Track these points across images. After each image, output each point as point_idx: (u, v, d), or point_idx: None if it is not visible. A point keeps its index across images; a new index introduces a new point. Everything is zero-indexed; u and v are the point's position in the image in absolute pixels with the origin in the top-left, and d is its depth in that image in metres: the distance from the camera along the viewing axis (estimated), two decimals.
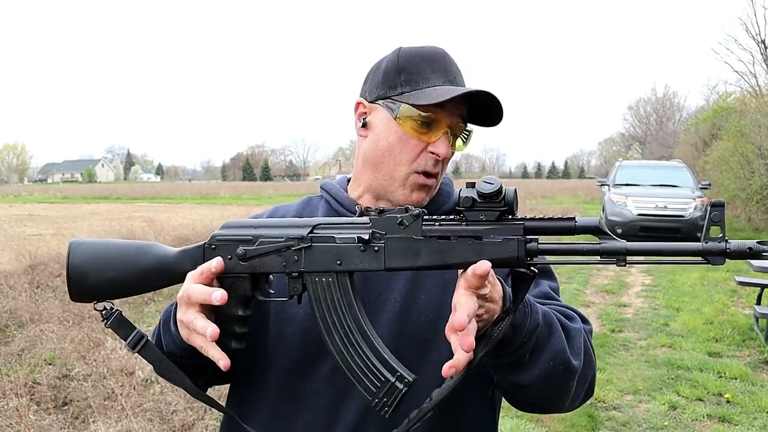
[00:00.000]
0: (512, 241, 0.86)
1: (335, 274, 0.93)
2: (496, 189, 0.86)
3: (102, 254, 1.02)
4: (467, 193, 0.88)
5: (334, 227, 0.94)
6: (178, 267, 1.01)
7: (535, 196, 32.63)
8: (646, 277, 9.72)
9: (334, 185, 1.26)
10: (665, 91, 63.44)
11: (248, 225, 1.00)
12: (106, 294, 1.03)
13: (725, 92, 27.71)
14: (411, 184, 1.12)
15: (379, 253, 0.91)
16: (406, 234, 0.90)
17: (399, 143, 1.11)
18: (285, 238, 0.95)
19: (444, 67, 1.12)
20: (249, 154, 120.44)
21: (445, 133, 1.10)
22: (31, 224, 18.42)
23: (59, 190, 53.27)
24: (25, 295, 7.06)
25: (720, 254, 0.82)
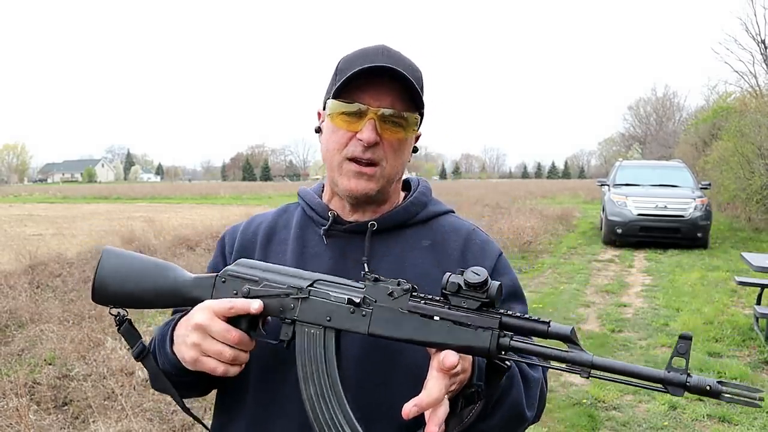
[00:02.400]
0: (486, 332, 0.90)
1: (323, 328, 0.99)
2: (482, 281, 0.91)
3: (126, 267, 1.11)
4: (455, 279, 0.93)
5: (332, 285, 1.01)
6: (190, 292, 1.09)
7: (535, 196, 32.62)
8: (646, 277, 9.72)
9: (309, 192, 1.29)
10: (665, 91, 63.40)
11: (258, 267, 1.07)
12: (121, 303, 1.12)
13: (725, 92, 27.71)
14: (346, 171, 1.14)
15: (366, 317, 0.96)
16: (393, 305, 0.95)
17: (333, 136, 1.15)
18: (287, 286, 1.02)
19: (372, 59, 1.11)
20: (249, 154, 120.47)
21: (371, 120, 1.10)
22: (31, 224, 18.42)
23: (59, 190, 53.27)
24: (25, 295, 7.06)
25: (680, 386, 0.85)
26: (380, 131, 1.12)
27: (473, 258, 1.20)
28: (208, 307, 1.02)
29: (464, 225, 1.28)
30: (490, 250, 1.23)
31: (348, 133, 1.13)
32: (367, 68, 1.08)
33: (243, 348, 1.02)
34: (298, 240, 1.23)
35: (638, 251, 12.57)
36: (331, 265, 1.17)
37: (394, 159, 1.16)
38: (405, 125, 1.14)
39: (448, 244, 1.22)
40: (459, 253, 1.21)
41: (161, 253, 10.15)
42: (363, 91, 1.11)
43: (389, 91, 1.11)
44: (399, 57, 1.15)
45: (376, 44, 1.17)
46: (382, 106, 1.11)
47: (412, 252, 1.20)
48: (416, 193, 1.27)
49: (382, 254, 1.19)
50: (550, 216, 18.13)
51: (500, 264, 1.23)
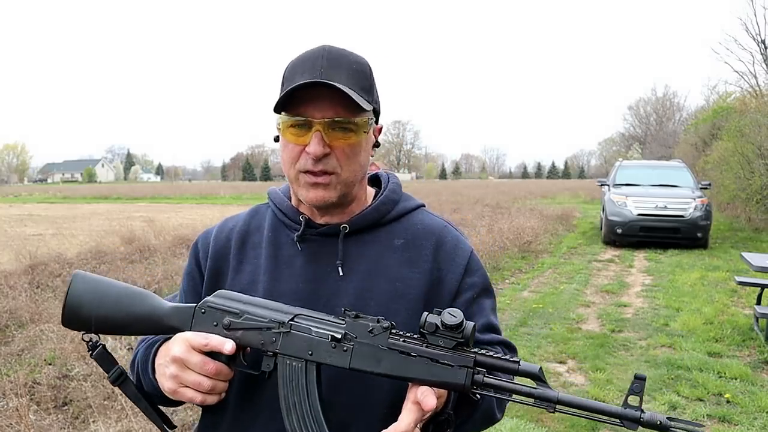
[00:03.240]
0: (462, 369, 0.97)
1: (305, 361, 1.02)
2: (458, 323, 0.96)
3: (101, 292, 1.10)
4: (433, 319, 0.98)
5: (313, 320, 1.04)
6: (168, 321, 1.10)
7: (535, 196, 32.63)
8: (646, 277, 9.72)
9: (279, 195, 1.28)
10: (665, 91, 63.55)
11: (238, 299, 1.09)
12: (96, 328, 1.11)
13: (725, 92, 27.77)
14: (303, 183, 1.14)
15: (347, 353, 1.00)
16: (373, 342, 1.00)
17: (285, 150, 1.15)
18: (268, 320, 1.04)
19: (311, 66, 1.10)
20: (249, 154, 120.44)
21: (317, 132, 1.10)
22: (31, 224, 18.42)
23: (59, 190, 53.27)
24: (25, 295, 7.05)
25: (635, 421, 0.93)
26: (329, 140, 1.11)
27: (445, 259, 1.21)
28: (185, 339, 1.04)
29: (435, 222, 1.27)
30: (461, 249, 1.24)
31: (297, 146, 1.12)
32: (302, 84, 1.07)
33: (221, 378, 1.05)
34: (272, 244, 1.22)
35: (638, 251, 12.57)
36: (305, 269, 1.18)
37: (350, 164, 1.14)
38: (355, 129, 1.12)
39: (421, 242, 1.22)
40: (431, 252, 1.21)
41: (161, 253, 10.16)
42: (306, 102, 1.10)
43: (332, 98, 1.09)
44: (339, 59, 1.12)
45: (318, 46, 1.15)
46: (327, 116, 1.10)
47: (386, 252, 1.20)
48: (387, 192, 1.26)
49: (356, 256, 1.19)
50: (550, 216, 18.13)
51: (471, 263, 1.24)
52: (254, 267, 1.21)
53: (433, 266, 1.20)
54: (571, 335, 6.25)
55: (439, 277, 1.20)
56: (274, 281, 1.18)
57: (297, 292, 1.16)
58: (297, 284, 1.17)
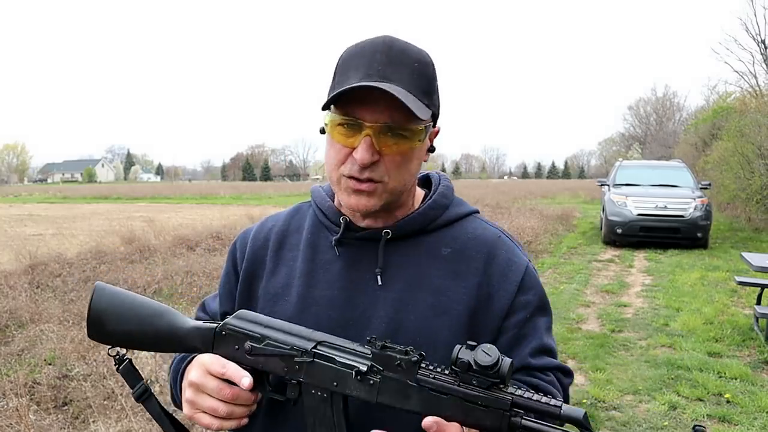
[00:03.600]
0: (498, 412, 0.90)
1: (330, 392, 0.97)
2: (493, 362, 0.89)
3: (123, 306, 1.07)
4: (466, 356, 0.90)
5: (337, 348, 0.98)
6: (188, 341, 1.06)
7: (535, 196, 32.64)
8: (646, 277, 9.72)
9: (321, 194, 1.20)
10: (665, 91, 63.46)
11: (259, 322, 1.03)
12: (120, 342, 1.09)
13: (725, 92, 27.78)
14: (345, 188, 1.06)
15: (373, 386, 0.94)
16: (401, 376, 0.93)
17: (330, 150, 1.07)
18: (290, 347, 0.99)
19: (369, 60, 1.01)
20: (249, 154, 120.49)
21: (366, 137, 1.01)
22: (31, 224, 18.43)
23: (59, 190, 53.27)
24: (25, 295, 7.06)
25: None
26: (379, 146, 1.01)
27: (497, 273, 1.11)
28: (202, 364, 1.01)
29: (489, 231, 1.16)
30: (515, 264, 1.12)
31: (345, 148, 1.04)
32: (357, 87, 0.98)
33: (242, 403, 1.01)
34: (310, 246, 1.16)
35: (638, 251, 12.57)
36: (342, 276, 1.11)
37: (399, 173, 1.05)
38: (410, 135, 1.03)
39: (470, 254, 1.12)
40: (481, 265, 1.11)
41: (161, 253, 10.16)
42: (359, 102, 1.00)
43: (388, 101, 0.99)
44: (400, 56, 1.03)
45: (379, 38, 1.05)
46: (380, 120, 1.00)
47: (430, 262, 1.11)
48: (436, 195, 1.16)
49: (397, 264, 1.11)
50: (550, 216, 18.13)
51: (526, 279, 1.12)
52: (290, 270, 1.15)
53: (483, 280, 1.10)
54: (571, 335, 6.25)
55: (489, 293, 1.09)
56: (309, 287, 1.12)
57: (332, 300, 1.10)
58: (332, 291, 1.10)
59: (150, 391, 1.10)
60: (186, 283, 7.90)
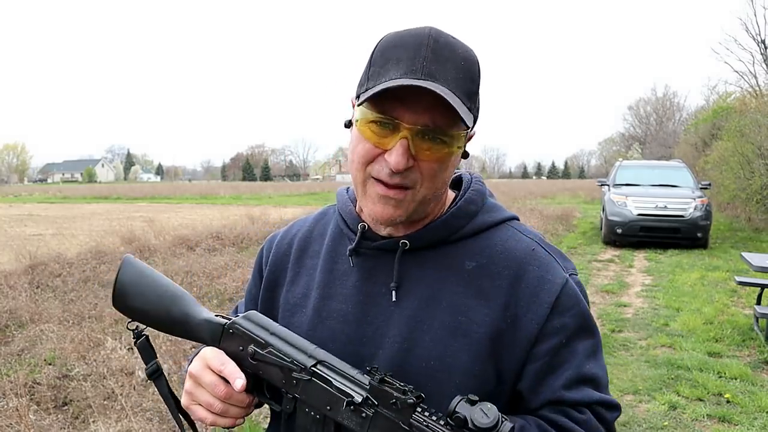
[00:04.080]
0: None
1: (323, 415, 0.95)
2: (490, 425, 0.81)
3: (145, 285, 1.08)
4: (463, 411, 0.82)
5: (336, 372, 0.95)
6: (198, 331, 1.06)
7: (535, 196, 32.63)
8: (646, 277, 9.72)
9: (344, 198, 1.12)
10: (665, 91, 63.56)
11: (266, 327, 1.01)
12: (138, 318, 1.09)
13: (725, 92, 27.78)
14: (370, 193, 0.96)
15: (365, 420, 0.90)
16: (394, 416, 0.88)
17: (358, 146, 0.96)
18: (291, 360, 0.97)
19: (413, 54, 0.90)
20: (249, 154, 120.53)
21: (403, 139, 0.90)
22: (31, 224, 18.42)
23: (59, 190, 53.26)
24: (25, 295, 7.06)
25: None
26: (415, 151, 0.91)
27: (526, 293, 0.98)
28: (204, 357, 1.00)
29: (523, 242, 1.03)
30: (549, 282, 0.98)
31: (376, 148, 0.93)
32: (398, 86, 0.88)
33: (236, 404, 0.99)
34: (330, 254, 1.10)
35: (638, 251, 12.57)
36: (357, 289, 1.04)
37: (432, 181, 0.95)
38: (449, 141, 0.92)
39: (497, 269, 1.00)
40: (509, 282, 0.99)
41: (161, 253, 10.16)
42: (399, 99, 0.90)
43: (431, 102, 0.89)
44: (446, 52, 0.92)
45: (425, 28, 0.93)
46: (419, 122, 0.90)
47: (451, 277, 1.00)
48: (462, 201, 1.04)
49: (414, 278, 1.01)
50: (550, 216, 18.13)
51: (563, 299, 0.98)
52: (309, 279, 1.11)
53: (509, 301, 0.97)
54: None
55: (516, 315, 0.97)
56: (325, 299, 1.07)
57: (345, 315, 1.04)
58: (347, 306, 1.04)
59: (161, 370, 1.10)
60: (186, 283, 7.90)
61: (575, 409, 0.96)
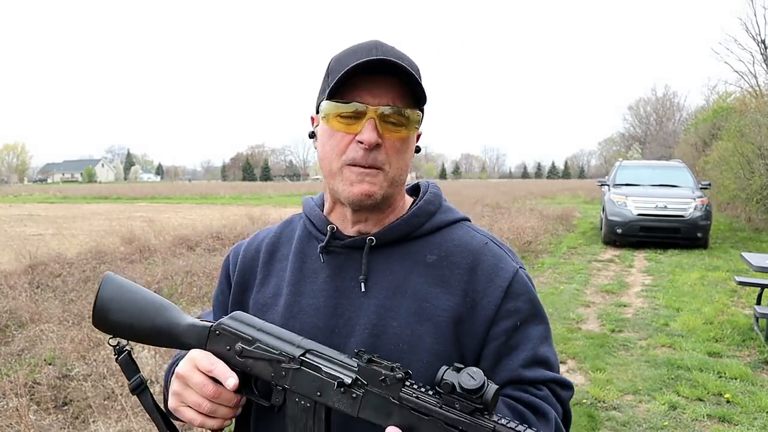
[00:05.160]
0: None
1: (314, 402, 0.97)
2: (477, 387, 0.86)
3: (127, 299, 1.10)
4: (450, 378, 0.87)
5: (324, 358, 0.98)
6: (183, 338, 1.08)
7: (535, 196, 32.63)
8: (646, 277, 9.72)
9: (311, 204, 1.22)
10: (665, 91, 63.54)
11: (252, 325, 1.04)
12: (121, 333, 1.11)
13: (725, 92, 27.75)
14: (347, 177, 1.06)
15: (356, 400, 0.94)
16: (384, 392, 0.92)
17: (329, 141, 1.07)
18: (279, 352, 1.00)
19: (366, 53, 1.03)
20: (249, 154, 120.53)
21: (371, 119, 1.02)
22: (31, 224, 18.42)
23: (59, 190, 53.27)
24: (25, 295, 7.05)
25: None
26: (381, 131, 1.03)
27: (482, 279, 1.08)
28: (192, 358, 1.02)
29: (476, 238, 1.15)
30: (502, 269, 1.10)
31: (347, 135, 1.04)
32: (364, 62, 1.00)
33: (224, 403, 1.01)
34: (298, 255, 1.17)
35: (638, 251, 12.57)
36: (328, 284, 1.12)
37: (398, 160, 1.07)
38: (407, 123, 1.05)
39: (455, 260, 1.11)
40: (467, 271, 1.09)
41: (161, 253, 10.16)
42: (360, 89, 1.03)
43: (388, 87, 1.03)
44: (394, 52, 1.07)
45: (368, 40, 1.08)
46: (382, 103, 1.03)
47: (414, 269, 1.10)
48: (422, 202, 1.16)
49: (381, 271, 1.11)
50: (550, 216, 18.12)
51: (514, 285, 1.09)
52: (279, 280, 1.17)
53: (468, 288, 1.08)
54: (571, 335, 6.25)
55: (474, 300, 1.07)
56: (296, 295, 1.13)
57: (317, 309, 1.10)
58: (318, 300, 1.11)
59: (145, 384, 1.11)
60: (186, 283, 7.90)
61: (533, 386, 1.05)
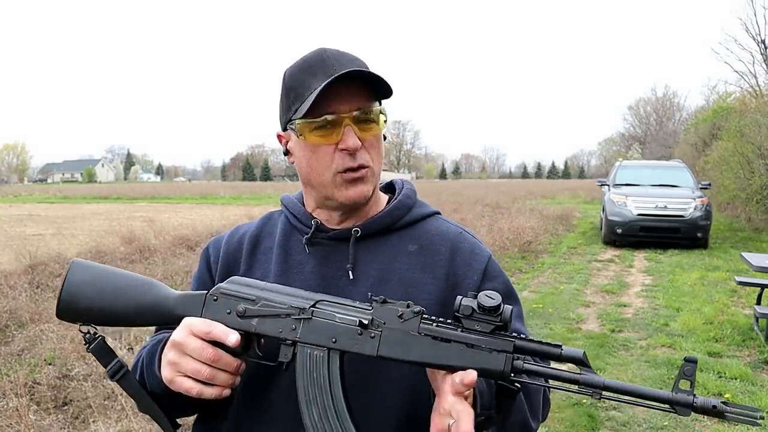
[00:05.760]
0: (501, 354, 0.91)
1: (327, 350, 0.96)
2: (496, 304, 0.91)
3: (101, 281, 1.04)
4: (468, 302, 0.92)
5: (336, 305, 0.98)
6: (176, 310, 1.04)
7: (535, 196, 32.63)
8: (646, 277, 9.72)
9: (292, 200, 1.26)
10: (665, 91, 63.56)
11: (254, 285, 1.03)
12: (95, 320, 1.05)
13: (725, 92, 27.75)
14: (341, 183, 1.12)
15: (374, 339, 0.94)
16: (403, 327, 0.94)
17: (313, 156, 1.12)
18: (288, 306, 0.99)
19: (321, 66, 1.10)
20: (249, 154, 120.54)
21: (347, 126, 1.08)
22: (31, 224, 18.42)
23: (59, 190, 53.27)
24: (25, 295, 7.05)
25: (687, 406, 0.90)
26: (359, 133, 1.10)
27: (462, 262, 1.18)
28: (188, 324, 0.99)
29: (451, 228, 1.24)
30: (477, 255, 1.20)
31: (329, 147, 1.10)
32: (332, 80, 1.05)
33: (224, 368, 0.99)
34: (282, 248, 1.20)
35: (638, 251, 12.57)
36: (315, 273, 1.15)
37: (377, 155, 1.15)
38: (377, 119, 1.12)
39: (436, 248, 1.19)
40: (447, 256, 1.18)
41: (161, 253, 10.16)
42: (327, 100, 1.07)
43: (353, 91, 1.09)
44: (344, 56, 1.13)
45: (315, 51, 1.14)
46: (353, 108, 1.09)
47: (399, 257, 1.17)
48: (400, 196, 1.24)
49: (367, 260, 1.16)
50: (550, 216, 18.13)
51: (490, 267, 1.19)
52: (264, 271, 1.19)
53: (449, 271, 1.16)
54: (571, 335, 6.25)
55: (456, 282, 1.15)
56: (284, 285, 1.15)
57: None
58: (307, 289, 1.12)
59: (126, 367, 1.07)
60: (186, 283, 7.90)
61: None
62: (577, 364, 0.91)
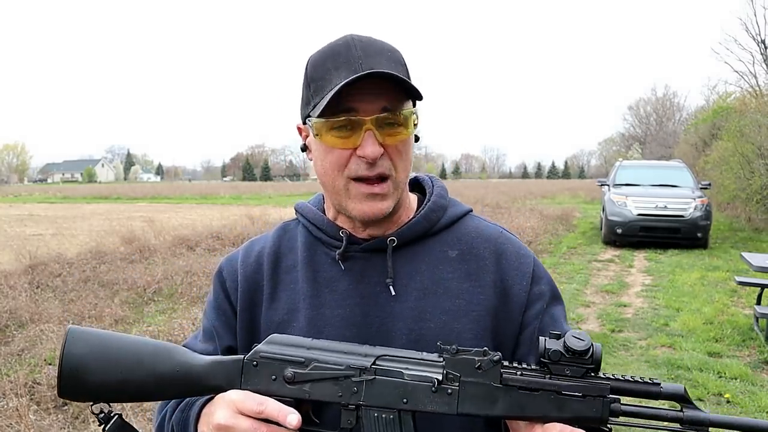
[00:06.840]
0: (597, 400, 0.84)
1: (398, 412, 0.87)
2: (587, 347, 0.85)
3: (111, 350, 0.90)
4: (555, 346, 0.85)
5: (402, 361, 0.88)
6: (208, 379, 0.90)
7: (535, 196, 32.63)
8: (646, 277, 9.72)
9: (310, 208, 1.13)
10: (665, 91, 63.49)
11: (299, 344, 0.90)
12: (110, 396, 0.91)
13: (725, 92, 27.76)
14: (355, 195, 1.00)
15: (452, 396, 0.85)
16: (483, 380, 0.85)
17: (328, 156, 1.00)
18: (345, 366, 0.87)
19: (347, 58, 0.96)
20: (249, 154, 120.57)
21: (368, 131, 0.96)
22: (31, 224, 18.42)
23: (59, 190, 53.25)
24: (25, 295, 7.05)
25: None
26: (381, 139, 0.97)
27: (510, 268, 1.08)
28: (231, 401, 0.86)
29: (490, 227, 1.14)
30: (524, 256, 1.11)
31: (345, 151, 0.98)
32: (351, 81, 0.93)
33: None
34: (308, 264, 1.08)
35: (638, 251, 12.57)
36: (352, 291, 1.05)
37: (403, 163, 1.01)
38: (405, 122, 0.99)
39: (479, 252, 1.09)
40: (492, 261, 1.08)
41: (161, 253, 10.15)
42: (350, 98, 0.95)
43: (378, 90, 0.96)
44: (372, 46, 0.99)
45: (342, 38, 1.00)
46: (376, 109, 0.96)
47: (441, 265, 1.06)
48: (434, 197, 1.12)
49: (407, 272, 1.05)
50: (550, 216, 18.13)
51: (537, 269, 1.10)
52: (291, 293, 1.07)
53: (497, 277, 1.07)
54: None
55: (505, 288, 1.06)
56: (318, 308, 1.04)
57: (345, 318, 1.03)
58: (344, 309, 1.03)
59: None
60: (186, 283, 7.90)
61: None
62: (678, 401, 0.84)
